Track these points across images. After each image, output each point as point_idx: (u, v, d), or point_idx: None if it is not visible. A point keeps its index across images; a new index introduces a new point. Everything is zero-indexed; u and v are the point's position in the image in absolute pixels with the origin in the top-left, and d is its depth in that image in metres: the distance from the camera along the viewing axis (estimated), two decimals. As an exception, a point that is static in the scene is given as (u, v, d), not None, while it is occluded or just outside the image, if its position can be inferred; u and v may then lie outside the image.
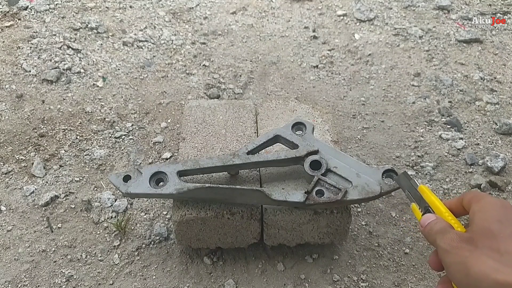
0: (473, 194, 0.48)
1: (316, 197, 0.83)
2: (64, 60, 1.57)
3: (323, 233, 0.93)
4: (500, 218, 0.42)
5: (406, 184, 0.64)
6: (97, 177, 1.21)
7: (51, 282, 0.97)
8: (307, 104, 1.14)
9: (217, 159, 0.89)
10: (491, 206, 0.44)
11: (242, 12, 1.93)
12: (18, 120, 1.35)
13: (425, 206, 0.56)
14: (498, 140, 1.37)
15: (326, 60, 1.68)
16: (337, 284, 0.97)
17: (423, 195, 0.58)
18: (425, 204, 0.56)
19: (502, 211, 0.43)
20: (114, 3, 1.90)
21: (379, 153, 1.31)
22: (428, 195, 0.57)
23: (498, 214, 0.43)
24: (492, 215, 0.43)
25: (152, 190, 0.85)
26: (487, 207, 0.44)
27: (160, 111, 1.43)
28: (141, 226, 1.08)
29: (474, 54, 1.72)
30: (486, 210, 0.44)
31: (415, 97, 1.52)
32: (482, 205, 0.45)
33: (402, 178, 0.66)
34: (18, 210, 1.12)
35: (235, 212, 0.89)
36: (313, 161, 0.88)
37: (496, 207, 0.44)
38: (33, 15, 1.78)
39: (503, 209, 0.43)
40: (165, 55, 1.67)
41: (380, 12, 1.94)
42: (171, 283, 0.97)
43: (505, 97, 1.52)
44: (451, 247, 0.43)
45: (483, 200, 0.45)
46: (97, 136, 1.32)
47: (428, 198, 0.56)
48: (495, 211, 0.43)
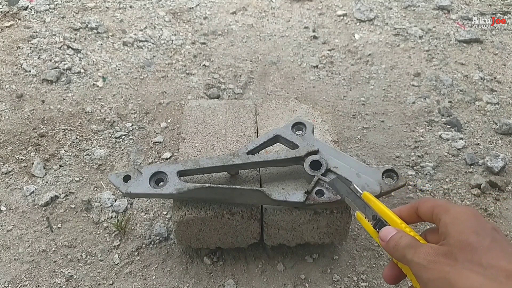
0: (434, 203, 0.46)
1: (316, 197, 0.83)
2: (64, 60, 1.57)
3: (323, 233, 0.93)
4: (476, 229, 0.41)
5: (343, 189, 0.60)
6: (97, 177, 1.21)
7: (51, 282, 0.97)
8: (307, 104, 1.14)
9: (217, 159, 0.89)
10: (463, 217, 0.43)
11: (242, 12, 1.93)
12: (18, 120, 1.35)
13: (373, 214, 0.52)
14: (498, 140, 1.37)
15: (326, 60, 1.68)
16: (337, 284, 0.97)
17: (369, 203, 0.54)
18: (372, 212, 0.52)
19: (476, 221, 0.42)
20: (114, 3, 1.90)
21: (379, 153, 1.31)
22: (376, 204, 0.53)
23: (473, 225, 0.42)
24: (467, 226, 0.42)
25: (152, 190, 0.85)
26: (460, 218, 0.43)
27: (160, 111, 1.43)
28: (141, 226, 1.08)
29: (474, 54, 1.72)
30: (460, 221, 0.42)
31: (415, 97, 1.52)
32: (454, 216, 0.43)
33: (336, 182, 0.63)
34: (18, 210, 1.12)
35: (235, 212, 0.89)
36: (313, 161, 0.88)
37: (469, 217, 0.42)
38: (33, 15, 1.78)
39: (476, 219, 0.42)
40: (165, 55, 1.67)
41: (380, 12, 1.94)
42: (171, 283, 0.97)
43: (505, 97, 1.52)
44: (429, 261, 0.41)
45: (452, 210, 0.44)
46: (97, 136, 1.32)
47: (377, 207, 0.52)
48: (469, 221, 0.42)
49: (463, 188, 1.21)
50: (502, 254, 0.39)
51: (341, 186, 0.62)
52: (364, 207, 0.54)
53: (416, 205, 0.48)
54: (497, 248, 0.40)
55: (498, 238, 0.41)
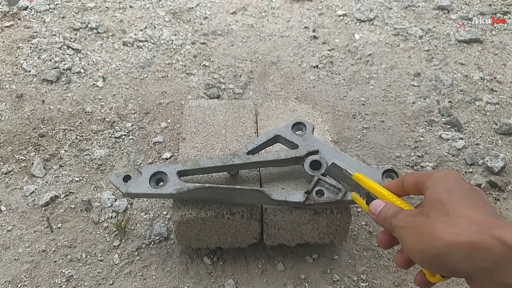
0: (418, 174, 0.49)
1: (316, 197, 0.83)
2: (64, 60, 1.57)
3: (323, 233, 0.93)
4: (449, 188, 0.43)
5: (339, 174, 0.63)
6: (97, 177, 1.21)
7: (51, 282, 0.97)
8: (307, 104, 1.14)
9: (217, 159, 0.89)
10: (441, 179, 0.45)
11: (242, 12, 1.93)
12: (18, 120, 1.35)
13: (365, 192, 0.55)
14: (498, 140, 1.37)
15: (326, 60, 1.68)
16: (337, 284, 0.97)
17: (360, 182, 0.57)
18: (364, 191, 0.55)
19: (453, 182, 0.44)
20: (114, 3, 1.90)
21: (379, 153, 1.31)
22: (366, 182, 0.56)
23: (447, 184, 0.44)
24: (441, 186, 0.44)
25: (152, 190, 0.85)
26: (437, 181, 0.45)
27: (160, 111, 1.43)
28: (141, 226, 1.08)
29: (474, 54, 1.72)
30: (436, 183, 0.45)
31: (415, 97, 1.52)
32: (433, 180, 0.45)
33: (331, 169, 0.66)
34: (18, 210, 1.12)
35: (235, 212, 0.89)
36: (313, 161, 0.88)
37: (447, 178, 0.45)
38: (33, 15, 1.78)
39: (453, 179, 0.44)
40: (165, 55, 1.67)
41: (380, 12, 1.94)
42: (171, 283, 0.97)
43: (505, 97, 1.53)
44: (405, 222, 0.45)
45: (434, 175, 0.46)
46: (97, 136, 1.32)
47: (367, 185, 0.55)
48: (446, 182, 0.44)
49: (463, 188, 1.21)
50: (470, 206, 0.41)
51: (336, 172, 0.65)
52: (358, 187, 0.57)
53: (401, 180, 0.51)
54: (466, 201, 0.41)
55: (471, 194, 0.42)
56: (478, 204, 0.41)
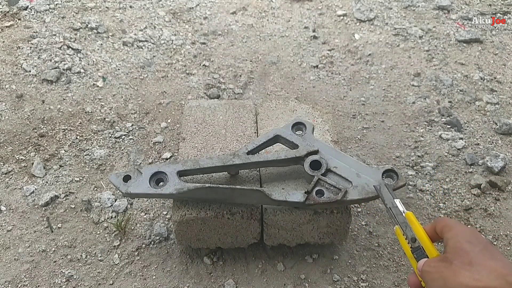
0: (444, 222, 0.54)
1: (316, 197, 0.83)
2: (64, 60, 1.57)
3: (323, 233, 0.93)
4: (471, 239, 0.49)
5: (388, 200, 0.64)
6: (97, 177, 1.21)
7: (51, 282, 0.97)
8: (307, 104, 1.14)
9: (217, 159, 0.89)
10: (462, 232, 0.51)
11: (242, 12, 1.93)
12: (18, 120, 1.35)
13: (412, 237, 0.57)
14: (498, 140, 1.37)
15: (326, 60, 1.68)
16: (337, 284, 0.97)
17: (410, 224, 0.59)
18: (411, 233, 0.58)
19: (472, 234, 0.50)
20: (114, 3, 1.90)
21: (379, 153, 1.31)
22: (417, 227, 0.58)
23: (469, 236, 0.50)
24: (463, 237, 0.50)
25: (152, 190, 0.85)
26: (459, 233, 0.51)
27: (160, 111, 1.43)
28: (141, 226, 1.08)
29: (474, 54, 1.72)
30: (458, 234, 0.51)
31: (415, 97, 1.52)
32: (454, 232, 0.51)
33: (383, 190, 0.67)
34: (18, 210, 1.12)
35: (235, 212, 0.89)
36: (313, 161, 0.88)
37: (467, 232, 0.51)
38: (33, 15, 1.78)
39: (473, 233, 0.51)
40: (165, 55, 1.67)
41: (380, 12, 1.94)
42: (171, 283, 0.97)
43: (505, 97, 1.53)
44: (431, 267, 0.51)
45: (455, 228, 0.52)
46: (97, 136, 1.32)
47: (416, 229, 0.58)
48: (466, 234, 0.50)
49: (463, 188, 1.21)
50: (490, 257, 0.47)
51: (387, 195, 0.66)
52: (406, 226, 0.59)
53: (434, 224, 0.56)
54: (486, 254, 0.47)
55: (489, 247, 0.49)
56: (496, 256, 0.47)
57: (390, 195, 0.66)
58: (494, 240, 1.08)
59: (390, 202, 0.64)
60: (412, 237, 0.57)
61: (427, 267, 0.51)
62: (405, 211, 0.61)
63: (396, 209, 0.62)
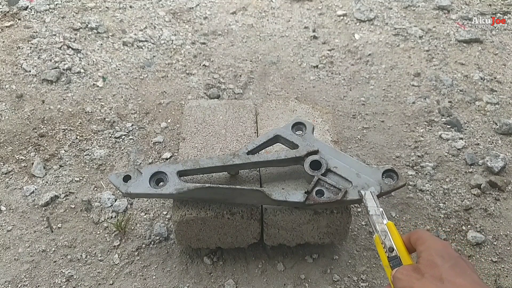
0: (418, 235, 0.56)
1: (316, 197, 0.83)
2: (64, 60, 1.57)
3: (323, 233, 0.93)
4: (443, 254, 0.51)
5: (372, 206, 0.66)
6: (97, 177, 1.21)
7: (51, 282, 0.97)
8: (307, 104, 1.14)
9: (217, 159, 0.89)
10: (434, 246, 0.53)
11: (242, 12, 1.93)
12: (18, 120, 1.35)
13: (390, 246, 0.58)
14: (498, 140, 1.37)
15: (326, 60, 1.68)
16: (337, 284, 0.97)
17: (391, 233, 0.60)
18: (390, 243, 0.58)
19: (444, 249, 0.52)
20: (114, 3, 1.90)
21: (379, 153, 1.31)
22: (396, 237, 0.59)
23: (441, 251, 0.51)
24: (435, 251, 0.52)
25: (152, 190, 0.85)
26: (432, 246, 0.53)
27: (160, 111, 1.43)
28: (141, 226, 1.08)
29: (474, 54, 1.72)
30: (431, 248, 0.53)
31: (415, 97, 1.52)
32: (427, 245, 0.53)
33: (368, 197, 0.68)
34: (18, 210, 1.12)
35: (235, 212, 0.89)
36: (313, 161, 0.88)
37: (439, 246, 0.52)
38: (33, 15, 1.78)
39: (445, 247, 0.52)
40: (165, 55, 1.67)
41: (380, 12, 1.94)
42: (171, 283, 0.97)
43: (505, 97, 1.52)
44: (402, 275, 0.52)
45: (427, 241, 0.54)
46: (97, 136, 1.32)
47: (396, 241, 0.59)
48: (438, 249, 0.52)
49: (463, 188, 1.21)
50: (460, 273, 0.49)
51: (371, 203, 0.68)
52: (385, 235, 0.60)
53: (409, 236, 0.58)
54: (457, 269, 0.49)
55: (460, 263, 0.50)
56: (466, 272, 0.49)
57: (374, 202, 0.67)
58: (494, 240, 1.08)
59: (373, 210, 0.65)
60: (390, 246, 0.58)
61: (399, 274, 0.53)
62: (386, 220, 0.63)
63: (378, 217, 0.64)
